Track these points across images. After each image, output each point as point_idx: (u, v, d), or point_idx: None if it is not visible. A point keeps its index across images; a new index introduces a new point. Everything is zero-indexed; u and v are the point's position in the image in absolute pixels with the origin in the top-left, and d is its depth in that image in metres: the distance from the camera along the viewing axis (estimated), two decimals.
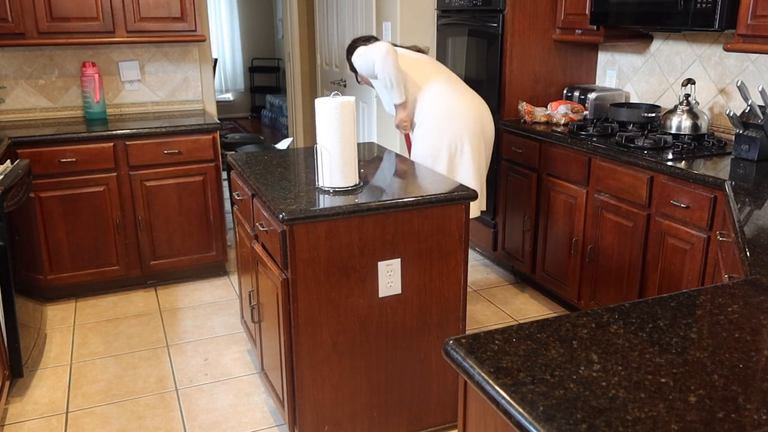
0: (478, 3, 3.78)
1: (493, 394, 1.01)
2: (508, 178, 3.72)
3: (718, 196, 2.42)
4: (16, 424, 2.56)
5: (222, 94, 9.92)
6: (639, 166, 2.78)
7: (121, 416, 2.61)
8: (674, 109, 3.09)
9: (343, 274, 2.15)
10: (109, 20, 3.60)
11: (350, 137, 2.20)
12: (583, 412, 0.94)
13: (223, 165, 4.17)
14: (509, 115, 3.73)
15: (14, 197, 2.69)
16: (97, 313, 3.47)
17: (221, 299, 3.66)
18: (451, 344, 1.15)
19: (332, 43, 5.40)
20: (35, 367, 2.95)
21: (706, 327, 1.22)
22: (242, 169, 2.57)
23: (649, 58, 3.51)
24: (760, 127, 2.64)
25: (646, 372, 1.05)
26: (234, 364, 2.99)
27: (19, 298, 2.66)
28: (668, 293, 1.35)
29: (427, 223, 2.23)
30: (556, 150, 3.29)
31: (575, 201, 3.19)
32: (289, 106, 6.66)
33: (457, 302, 2.35)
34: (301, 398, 2.22)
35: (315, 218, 2.06)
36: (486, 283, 3.86)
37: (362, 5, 4.70)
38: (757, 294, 1.35)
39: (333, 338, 2.20)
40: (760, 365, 1.08)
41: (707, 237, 2.49)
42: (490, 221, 3.93)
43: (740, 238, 1.73)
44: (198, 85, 4.16)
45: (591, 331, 1.19)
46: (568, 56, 3.80)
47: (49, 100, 3.88)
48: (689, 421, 0.92)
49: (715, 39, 3.10)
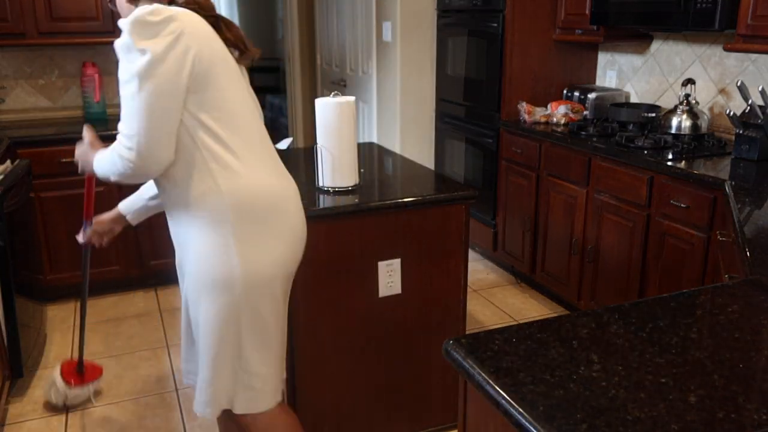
0: (478, 3, 3.78)
1: (493, 394, 1.01)
2: (508, 178, 3.72)
3: (718, 196, 2.42)
4: (16, 424, 2.56)
5: None
6: (639, 166, 2.78)
7: (121, 416, 2.60)
8: (674, 109, 3.09)
9: (343, 274, 2.15)
10: (109, 20, 3.60)
11: (350, 137, 2.20)
12: (583, 412, 0.94)
13: None
14: (509, 115, 3.73)
15: (14, 197, 2.69)
16: (97, 313, 3.47)
17: None
18: (451, 344, 1.15)
19: (332, 43, 5.40)
20: (35, 367, 2.95)
21: (706, 327, 1.22)
22: None
23: (649, 58, 3.51)
24: (760, 127, 2.64)
25: (646, 372, 1.05)
26: None
27: (19, 298, 2.65)
28: (668, 293, 1.35)
29: (427, 223, 2.23)
30: (556, 150, 3.29)
31: (575, 201, 3.19)
32: (289, 106, 6.66)
33: (457, 302, 2.35)
34: (301, 398, 2.22)
35: (315, 218, 2.06)
36: (486, 283, 3.86)
37: (362, 5, 4.70)
38: (757, 294, 1.35)
39: (333, 338, 2.20)
40: (760, 365, 1.08)
41: (707, 237, 2.48)
42: (490, 221, 3.93)
43: (740, 238, 1.73)
44: None
45: (591, 331, 1.19)
46: (568, 56, 3.80)
47: (49, 100, 3.88)
48: (689, 421, 0.92)
49: (715, 39, 3.10)
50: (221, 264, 1.61)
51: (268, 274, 1.65)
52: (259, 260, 1.63)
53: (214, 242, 1.60)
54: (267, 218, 1.65)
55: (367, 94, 4.83)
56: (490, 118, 3.81)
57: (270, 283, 1.67)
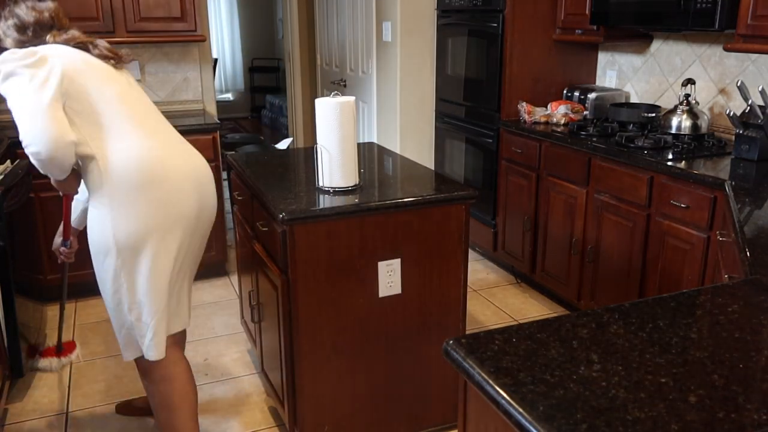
0: (478, 3, 3.78)
1: (493, 394, 1.01)
2: (508, 178, 3.72)
3: (718, 196, 2.42)
4: (16, 424, 2.56)
5: (222, 94, 9.92)
6: (639, 166, 2.78)
7: (122, 416, 2.60)
8: (674, 109, 3.09)
9: (343, 274, 2.15)
10: (109, 20, 3.60)
11: (350, 137, 2.20)
12: (583, 412, 0.94)
13: (223, 165, 4.17)
14: (509, 115, 3.73)
15: (14, 197, 2.69)
16: (97, 313, 3.47)
17: (221, 299, 3.66)
18: (451, 344, 1.15)
19: (332, 43, 5.40)
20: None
21: (706, 327, 1.22)
22: (242, 169, 2.57)
23: (649, 58, 3.51)
24: (760, 127, 2.64)
25: (646, 372, 1.05)
26: (234, 364, 2.99)
27: (19, 298, 2.65)
28: (668, 293, 1.35)
29: (427, 223, 2.23)
30: (556, 150, 3.29)
31: (575, 201, 3.19)
32: (289, 106, 6.66)
33: (457, 302, 2.35)
34: (301, 398, 2.22)
35: (315, 218, 2.06)
36: (486, 283, 3.86)
37: (362, 5, 4.70)
38: (757, 294, 1.35)
39: (333, 338, 2.20)
40: (760, 365, 1.08)
41: (707, 237, 2.48)
42: (490, 221, 3.93)
43: (740, 238, 1.73)
44: (198, 85, 4.16)
45: (591, 331, 1.19)
46: (568, 56, 3.80)
47: None
48: (689, 421, 0.92)
49: (715, 39, 3.10)
50: (100, 233, 1.96)
51: (140, 236, 1.94)
52: (130, 227, 1.93)
53: (96, 216, 1.96)
54: (142, 186, 1.94)
55: (367, 94, 4.83)
56: (490, 118, 3.81)
57: (146, 243, 1.95)
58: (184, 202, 2.01)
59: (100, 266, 2.01)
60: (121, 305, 2.03)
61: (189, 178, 2.04)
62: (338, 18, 5.19)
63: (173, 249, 2.02)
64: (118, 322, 2.08)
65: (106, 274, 2.00)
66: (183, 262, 2.08)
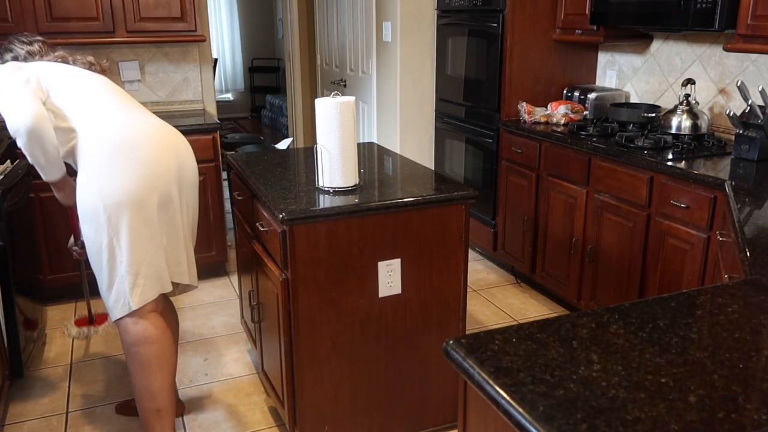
0: (478, 3, 3.78)
1: (493, 394, 1.01)
2: (507, 178, 3.72)
3: (718, 196, 2.42)
4: (16, 424, 2.56)
5: (222, 94, 9.92)
6: (639, 166, 2.78)
7: (121, 416, 2.60)
8: (674, 109, 3.09)
9: (343, 274, 2.15)
10: (109, 20, 3.60)
11: (350, 137, 2.20)
12: (583, 412, 0.94)
13: (223, 165, 4.17)
14: (509, 115, 3.73)
15: (14, 197, 2.69)
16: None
17: (221, 299, 3.66)
18: (451, 344, 1.15)
19: (332, 43, 5.40)
20: (35, 367, 2.95)
21: (706, 327, 1.22)
22: (242, 169, 2.57)
23: (649, 58, 3.51)
24: (760, 127, 2.64)
25: (646, 372, 1.05)
26: (234, 364, 2.99)
27: (19, 298, 2.66)
28: (668, 293, 1.35)
29: (427, 223, 2.23)
30: (556, 150, 3.29)
31: (575, 201, 3.19)
32: (289, 106, 6.66)
33: (457, 302, 2.35)
34: (301, 398, 2.22)
35: (315, 218, 2.06)
36: (486, 283, 3.86)
37: (362, 5, 4.70)
38: (757, 294, 1.35)
39: (333, 338, 2.20)
40: (760, 365, 1.08)
41: (707, 237, 2.49)
42: (490, 221, 3.93)
43: (740, 238, 1.73)
44: (198, 85, 4.16)
45: (591, 331, 1.19)
46: (568, 56, 3.80)
47: None
48: (689, 421, 0.92)
49: (715, 39, 3.10)
50: (88, 194, 2.10)
51: (124, 192, 2.08)
52: (114, 183, 2.07)
53: (84, 182, 2.11)
54: (122, 151, 2.10)
55: (367, 94, 4.83)
56: (490, 118, 3.81)
57: (130, 198, 2.08)
58: (164, 163, 2.17)
59: (89, 228, 2.12)
60: (113, 260, 2.13)
61: (166, 144, 2.21)
62: (338, 18, 5.19)
63: (154, 203, 2.14)
64: (109, 279, 2.14)
65: (96, 234, 2.11)
66: (172, 217, 2.21)
